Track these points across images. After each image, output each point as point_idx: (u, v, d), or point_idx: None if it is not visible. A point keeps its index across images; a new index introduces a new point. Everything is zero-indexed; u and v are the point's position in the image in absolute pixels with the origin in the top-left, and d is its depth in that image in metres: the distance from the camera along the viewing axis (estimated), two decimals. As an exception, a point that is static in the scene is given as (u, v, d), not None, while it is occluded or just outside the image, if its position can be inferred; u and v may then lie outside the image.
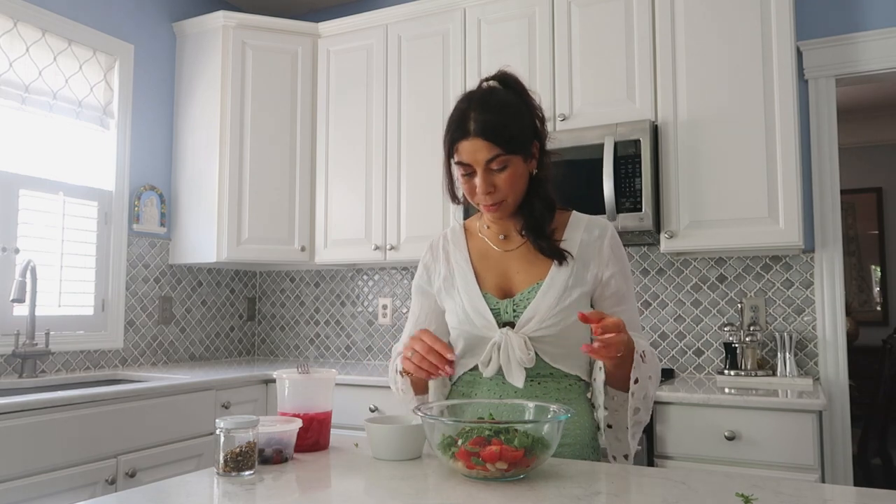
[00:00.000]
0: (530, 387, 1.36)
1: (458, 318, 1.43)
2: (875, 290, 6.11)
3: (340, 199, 3.28)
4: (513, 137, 1.33)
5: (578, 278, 1.38)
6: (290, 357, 3.77)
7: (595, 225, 1.44)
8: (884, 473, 3.52)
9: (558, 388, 1.37)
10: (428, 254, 1.55)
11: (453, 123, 1.35)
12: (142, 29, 3.29)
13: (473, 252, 1.48)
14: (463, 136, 1.32)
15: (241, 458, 1.14)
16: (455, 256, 1.49)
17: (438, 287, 1.50)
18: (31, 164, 2.79)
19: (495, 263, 1.45)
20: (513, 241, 1.45)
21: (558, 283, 1.36)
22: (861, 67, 2.65)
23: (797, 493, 1.01)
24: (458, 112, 1.35)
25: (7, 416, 1.96)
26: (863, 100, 5.48)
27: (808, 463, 2.06)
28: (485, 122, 1.31)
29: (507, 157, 1.32)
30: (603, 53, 2.72)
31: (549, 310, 1.34)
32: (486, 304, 1.39)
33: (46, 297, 2.79)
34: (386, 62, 3.20)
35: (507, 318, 1.38)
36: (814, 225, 2.67)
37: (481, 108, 1.33)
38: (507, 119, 1.34)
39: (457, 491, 1.04)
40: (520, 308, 1.37)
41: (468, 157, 1.33)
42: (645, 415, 1.37)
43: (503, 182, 1.34)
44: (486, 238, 1.48)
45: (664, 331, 2.89)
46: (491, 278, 1.43)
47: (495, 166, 1.33)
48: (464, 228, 1.54)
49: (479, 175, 1.33)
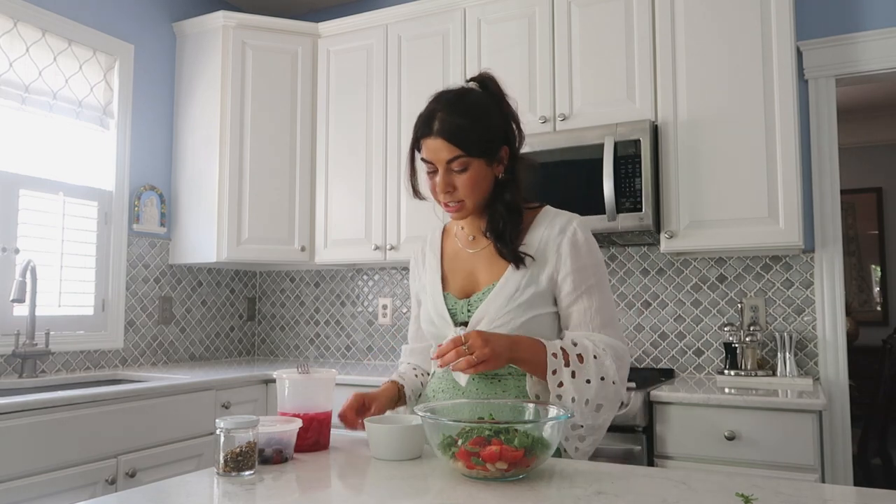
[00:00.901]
0: (491, 384, 1.39)
1: (425, 320, 1.51)
2: (875, 290, 6.11)
3: (340, 199, 3.28)
4: (476, 141, 1.35)
5: (532, 278, 1.39)
6: (290, 357, 3.77)
7: (558, 221, 1.44)
8: (884, 473, 3.52)
9: (517, 385, 1.38)
10: (412, 258, 1.63)
11: (421, 119, 1.39)
12: (142, 29, 3.29)
13: (446, 253, 1.54)
14: (427, 133, 1.37)
15: (241, 458, 1.14)
16: (429, 258, 1.55)
17: (417, 289, 1.58)
18: (31, 164, 2.79)
19: (463, 264, 1.49)
20: (480, 242, 1.48)
21: (511, 284, 1.39)
22: (861, 67, 2.65)
23: (797, 493, 1.01)
24: (428, 109, 1.39)
25: (7, 416, 1.96)
26: (863, 100, 5.48)
27: (808, 463, 2.06)
28: (449, 123, 1.34)
29: (469, 159, 1.35)
30: (603, 53, 2.72)
31: (498, 310, 1.37)
32: (445, 304, 1.45)
33: (46, 297, 2.79)
34: (386, 62, 3.20)
35: (463, 317, 1.42)
36: (814, 225, 2.67)
37: (449, 109, 1.36)
38: (474, 122, 1.36)
39: (457, 491, 1.04)
40: (473, 308, 1.41)
41: (430, 155, 1.37)
42: (590, 423, 1.32)
43: (462, 183, 1.37)
44: (458, 239, 1.53)
45: (664, 331, 2.89)
46: (457, 279, 1.48)
47: (456, 167, 1.36)
48: (443, 230, 1.60)
49: (439, 174, 1.37)
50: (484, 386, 1.39)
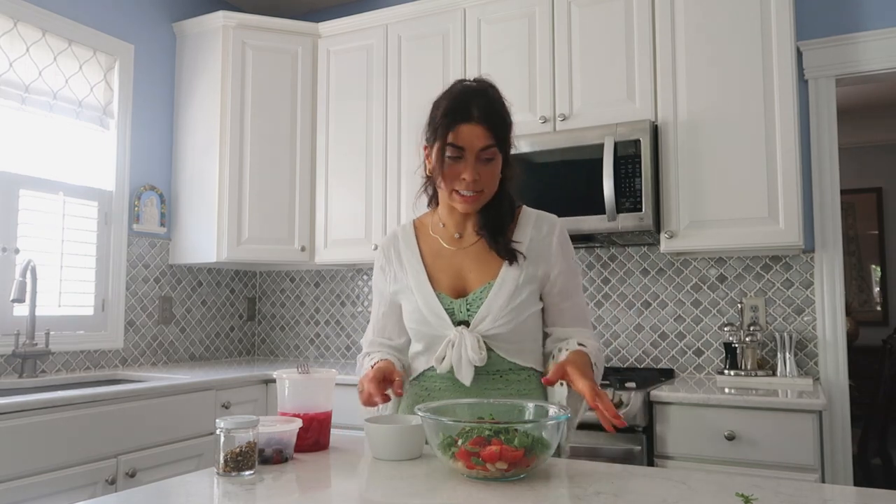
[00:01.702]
0: (492, 381, 1.41)
1: (414, 319, 1.46)
2: (875, 290, 6.11)
3: (340, 199, 3.28)
4: (505, 135, 1.40)
5: (529, 276, 1.42)
6: (290, 357, 3.77)
7: (544, 221, 1.48)
8: (884, 473, 3.52)
9: (518, 380, 1.42)
10: (381, 255, 1.56)
11: (454, 107, 1.37)
12: (142, 29, 3.29)
13: (425, 251, 1.50)
14: (466, 119, 1.35)
15: (241, 458, 1.14)
16: (406, 256, 1.51)
17: (395, 289, 1.51)
18: (31, 164, 2.79)
19: (448, 262, 1.47)
20: (466, 239, 1.48)
21: (509, 282, 1.40)
22: (861, 67, 2.65)
23: (797, 493, 1.01)
24: (459, 98, 1.38)
25: (7, 416, 1.96)
26: (863, 100, 5.48)
27: (808, 463, 2.06)
28: (489, 112, 1.37)
29: (496, 150, 1.38)
30: (603, 53, 2.72)
31: (501, 309, 1.39)
32: (441, 303, 1.43)
33: (46, 297, 2.79)
34: (386, 62, 3.20)
35: (462, 317, 1.41)
36: (814, 225, 2.67)
37: (487, 99, 1.38)
38: (505, 117, 1.41)
39: (457, 491, 1.04)
40: (473, 307, 1.41)
41: (464, 141, 1.36)
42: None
43: (486, 174, 1.38)
44: (438, 237, 1.50)
45: (664, 331, 2.89)
46: (444, 278, 1.46)
47: (485, 156, 1.37)
48: (413, 227, 1.56)
49: (468, 161, 1.36)
50: (486, 383, 1.40)
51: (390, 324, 1.55)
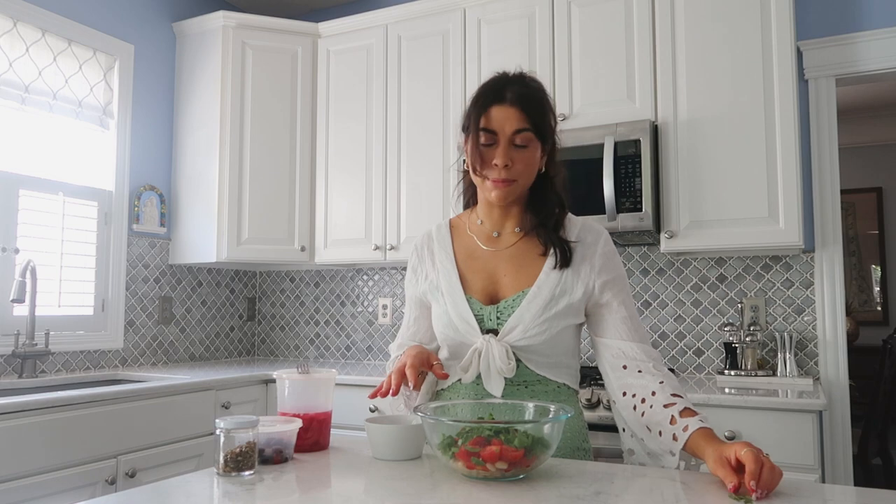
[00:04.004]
0: (517, 391, 1.33)
1: (441, 324, 1.39)
2: (875, 290, 6.11)
3: (340, 199, 3.28)
4: (541, 120, 1.32)
5: (567, 286, 1.33)
6: (290, 357, 3.77)
7: (589, 231, 1.40)
8: (884, 473, 3.52)
9: (546, 391, 1.34)
10: (414, 255, 1.51)
11: (486, 91, 1.33)
12: (142, 29, 3.29)
13: (459, 252, 1.43)
14: (497, 101, 1.30)
15: (241, 458, 1.14)
16: (440, 257, 1.44)
17: (424, 290, 1.46)
18: (31, 164, 2.79)
19: (483, 264, 1.39)
20: (505, 239, 1.40)
21: (545, 292, 1.32)
22: (861, 67, 2.65)
23: (797, 493, 1.01)
24: (493, 83, 1.34)
25: (7, 416, 1.96)
26: (863, 100, 5.49)
27: (808, 463, 2.06)
28: (523, 94, 1.31)
29: (531, 136, 1.30)
30: (603, 53, 2.72)
31: (533, 319, 1.31)
32: (471, 309, 1.35)
33: (46, 297, 2.79)
34: (386, 62, 3.20)
35: (491, 325, 1.33)
36: (814, 225, 2.67)
37: (519, 84, 1.33)
38: (543, 101, 1.34)
39: (457, 491, 1.04)
40: (504, 316, 1.33)
41: (496, 125, 1.29)
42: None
43: (520, 160, 1.30)
44: (474, 236, 1.43)
45: (664, 331, 2.89)
46: (477, 281, 1.38)
47: (518, 141, 1.29)
48: (450, 226, 1.49)
49: (500, 145, 1.30)
50: (510, 395, 1.32)
51: (422, 329, 1.48)
